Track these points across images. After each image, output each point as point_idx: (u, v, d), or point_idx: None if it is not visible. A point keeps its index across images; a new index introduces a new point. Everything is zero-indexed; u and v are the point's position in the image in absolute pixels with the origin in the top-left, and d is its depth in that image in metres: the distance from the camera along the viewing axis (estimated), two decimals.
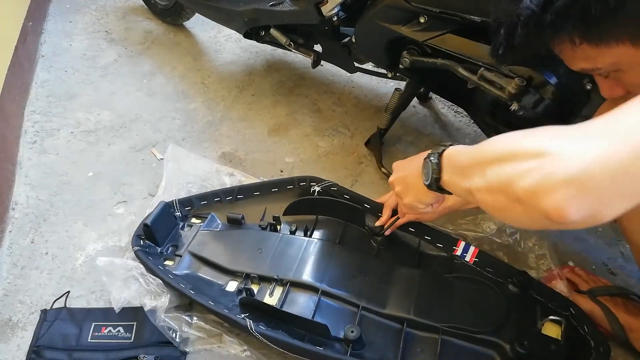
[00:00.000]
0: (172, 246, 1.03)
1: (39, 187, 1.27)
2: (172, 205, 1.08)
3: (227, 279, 0.96)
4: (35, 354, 0.92)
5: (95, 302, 1.02)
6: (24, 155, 1.35)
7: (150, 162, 1.34)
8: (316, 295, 0.91)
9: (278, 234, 1.02)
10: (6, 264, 1.09)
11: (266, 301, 0.90)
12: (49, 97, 1.56)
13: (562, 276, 0.96)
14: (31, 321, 0.98)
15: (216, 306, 0.87)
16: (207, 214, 1.08)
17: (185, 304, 0.96)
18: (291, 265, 0.95)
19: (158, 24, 1.91)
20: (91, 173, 1.31)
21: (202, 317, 0.94)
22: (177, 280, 0.92)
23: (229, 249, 1.00)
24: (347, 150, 1.38)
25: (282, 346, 0.84)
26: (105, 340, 0.94)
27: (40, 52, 1.75)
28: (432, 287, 0.91)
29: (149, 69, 1.68)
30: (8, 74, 1.41)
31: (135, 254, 0.96)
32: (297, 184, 1.11)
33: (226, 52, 1.78)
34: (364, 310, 0.89)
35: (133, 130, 1.45)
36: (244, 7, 1.38)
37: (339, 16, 1.19)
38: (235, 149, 1.38)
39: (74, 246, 1.13)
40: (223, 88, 1.61)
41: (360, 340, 0.82)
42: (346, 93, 1.58)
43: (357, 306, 0.89)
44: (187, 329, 0.92)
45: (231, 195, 1.12)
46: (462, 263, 0.97)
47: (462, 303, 0.89)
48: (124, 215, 1.20)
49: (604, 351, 0.81)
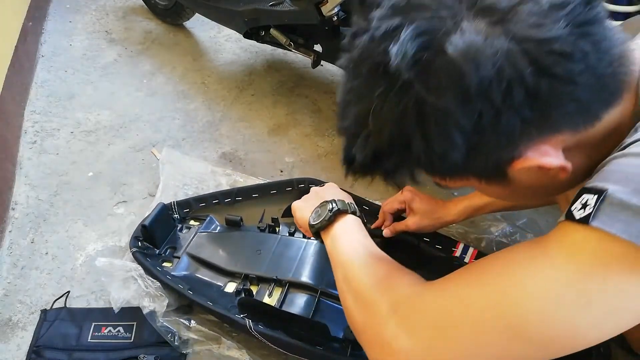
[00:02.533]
0: (170, 248, 1.03)
1: (39, 187, 1.27)
2: (170, 207, 1.08)
3: (226, 280, 0.96)
4: (35, 354, 0.92)
5: (95, 302, 1.02)
6: (24, 155, 1.36)
7: (150, 162, 1.34)
8: (315, 295, 0.91)
9: (277, 235, 1.02)
10: (6, 264, 1.10)
11: (265, 302, 0.90)
12: (49, 97, 1.56)
13: None
14: (31, 321, 0.99)
15: (215, 306, 0.87)
16: (206, 216, 1.08)
17: (184, 306, 0.96)
18: (290, 266, 0.95)
19: (158, 24, 1.91)
20: (91, 173, 1.31)
21: (200, 321, 0.94)
22: (175, 281, 0.92)
23: (228, 251, 1.00)
24: None
25: (281, 346, 0.84)
26: (105, 340, 0.94)
27: (40, 52, 1.75)
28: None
29: (149, 69, 1.68)
30: (8, 74, 1.42)
31: (133, 256, 0.96)
32: (296, 186, 1.11)
33: (226, 52, 1.78)
34: None
35: (133, 130, 1.45)
36: (244, 7, 1.38)
37: (339, 16, 1.19)
38: (235, 149, 1.38)
39: (74, 246, 1.13)
40: (223, 88, 1.61)
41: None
42: None
43: None
44: (185, 332, 0.92)
45: (229, 197, 1.12)
46: (461, 264, 0.97)
47: None
48: (124, 215, 1.20)
49: (604, 352, 0.81)
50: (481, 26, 0.40)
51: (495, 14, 0.40)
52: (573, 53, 0.39)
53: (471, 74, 0.38)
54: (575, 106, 0.42)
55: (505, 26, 0.39)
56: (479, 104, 0.40)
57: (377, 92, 0.43)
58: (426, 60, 0.40)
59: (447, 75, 0.39)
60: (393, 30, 0.41)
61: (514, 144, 0.43)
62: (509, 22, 0.39)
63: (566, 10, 0.40)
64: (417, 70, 0.40)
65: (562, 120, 0.42)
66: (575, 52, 0.39)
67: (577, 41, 0.39)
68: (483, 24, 0.40)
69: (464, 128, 0.41)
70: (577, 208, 0.41)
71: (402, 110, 0.42)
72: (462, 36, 0.39)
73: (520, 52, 0.39)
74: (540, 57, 0.39)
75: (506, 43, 0.39)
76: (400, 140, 0.44)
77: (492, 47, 0.39)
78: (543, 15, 0.39)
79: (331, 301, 0.91)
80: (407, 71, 0.40)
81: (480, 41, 0.39)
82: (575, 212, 0.41)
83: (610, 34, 0.42)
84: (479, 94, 0.39)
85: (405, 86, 0.41)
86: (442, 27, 0.40)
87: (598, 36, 0.41)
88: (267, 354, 0.90)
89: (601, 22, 0.41)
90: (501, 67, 0.38)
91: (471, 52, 0.39)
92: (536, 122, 0.41)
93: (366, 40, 0.43)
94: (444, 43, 0.39)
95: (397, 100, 0.42)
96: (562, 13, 0.39)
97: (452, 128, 0.41)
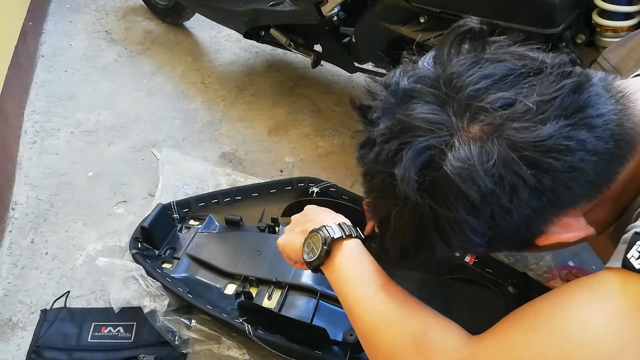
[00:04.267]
0: (170, 249, 1.03)
1: (39, 187, 1.27)
2: (170, 207, 1.08)
3: (226, 282, 0.96)
4: (35, 354, 0.92)
5: (95, 302, 1.02)
6: (24, 155, 1.36)
7: (150, 162, 1.34)
8: (315, 298, 0.90)
9: (277, 235, 1.02)
10: (6, 264, 1.09)
11: (265, 304, 0.90)
12: (49, 97, 1.56)
13: (562, 276, 0.96)
14: (31, 321, 0.99)
15: (214, 310, 0.87)
16: (205, 216, 1.08)
17: (185, 306, 0.96)
18: (290, 268, 0.94)
19: (158, 24, 1.91)
20: (91, 173, 1.31)
21: (201, 320, 0.94)
22: (175, 284, 0.92)
23: (227, 251, 1.00)
24: (347, 150, 1.37)
25: (280, 350, 0.84)
26: (105, 340, 0.94)
27: (40, 52, 1.75)
28: (432, 289, 0.91)
29: (149, 69, 1.68)
30: (8, 74, 1.41)
31: (133, 257, 0.96)
32: (296, 185, 1.10)
33: (226, 52, 1.77)
34: None
35: (133, 130, 1.45)
36: (244, 7, 1.38)
37: (339, 16, 1.19)
38: (235, 149, 1.38)
39: (74, 246, 1.13)
40: (223, 88, 1.61)
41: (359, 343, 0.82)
42: (346, 93, 1.58)
43: None
44: (186, 332, 0.92)
45: (229, 197, 1.12)
46: (461, 264, 0.96)
47: (462, 305, 0.88)
48: (124, 215, 1.20)
49: None
50: (475, 135, 0.41)
51: (487, 120, 0.41)
52: (569, 146, 0.40)
53: (472, 190, 0.40)
54: (585, 185, 0.42)
55: (497, 132, 0.40)
56: (488, 209, 0.41)
57: (392, 203, 0.45)
58: (429, 181, 0.42)
59: (451, 192, 0.41)
60: (394, 153, 0.43)
61: (531, 228, 0.44)
62: (501, 128, 0.40)
63: (555, 104, 0.40)
64: (423, 190, 0.42)
65: (574, 199, 0.43)
66: (570, 144, 0.40)
67: (571, 132, 0.40)
68: (477, 132, 0.41)
69: (479, 230, 0.43)
70: (634, 257, 0.40)
71: (419, 221, 0.45)
72: (457, 154, 0.40)
73: (516, 157, 0.40)
74: (537, 158, 0.40)
75: (502, 150, 0.40)
76: (422, 242, 0.46)
77: (489, 158, 0.40)
78: (533, 115, 0.40)
79: (331, 303, 0.91)
80: (414, 193, 0.42)
81: (475, 155, 0.40)
82: (634, 262, 0.40)
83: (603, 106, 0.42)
84: (486, 202, 0.41)
85: (416, 204, 0.43)
86: (438, 146, 0.42)
87: (592, 118, 0.41)
88: (267, 354, 0.90)
89: (592, 103, 0.41)
90: (501, 175, 0.40)
91: (468, 170, 0.40)
92: (548, 208, 0.43)
93: (373, 158, 0.46)
94: (442, 162, 0.41)
95: (412, 214, 0.44)
96: (551, 109, 0.40)
97: (468, 232, 0.43)
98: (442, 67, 0.45)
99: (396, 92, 0.46)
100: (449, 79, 0.43)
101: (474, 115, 0.41)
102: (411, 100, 0.44)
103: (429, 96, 0.43)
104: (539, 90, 0.40)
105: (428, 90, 0.44)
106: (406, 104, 0.44)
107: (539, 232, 0.45)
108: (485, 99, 0.41)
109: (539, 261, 1.05)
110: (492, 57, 0.44)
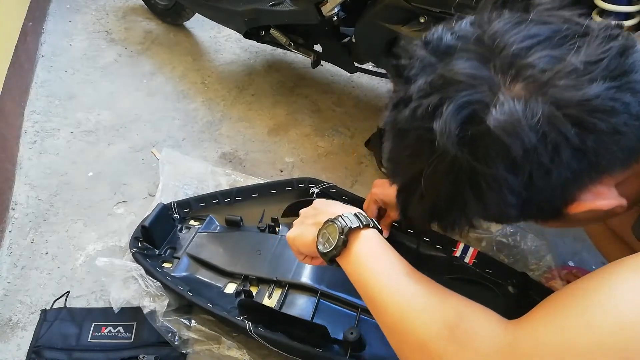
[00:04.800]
0: (170, 248, 1.03)
1: (39, 187, 1.27)
2: (170, 207, 1.08)
3: (226, 281, 0.96)
4: (35, 354, 0.92)
5: (95, 302, 1.02)
6: (24, 155, 1.36)
7: (150, 162, 1.34)
8: (315, 297, 0.90)
9: (277, 235, 1.02)
10: (6, 264, 1.10)
11: (265, 303, 0.90)
12: (49, 97, 1.56)
13: (562, 276, 0.96)
14: (31, 321, 0.99)
15: (215, 308, 0.87)
16: (205, 216, 1.08)
17: (184, 306, 0.96)
18: (290, 267, 0.94)
19: (158, 24, 1.91)
20: (91, 173, 1.31)
21: (201, 320, 0.94)
22: (175, 282, 0.92)
23: (228, 251, 1.00)
24: (347, 150, 1.38)
25: (281, 348, 0.84)
26: (105, 340, 0.95)
27: (40, 52, 1.75)
28: None
29: (149, 69, 1.68)
30: (8, 74, 1.41)
31: (133, 256, 0.96)
32: (296, 186, 1.11)
33: (226, 52, 1.77)
34: (363, 312, 0.89)
35: (133, 130, 1.45)
36: (244, 7, 1.38)
37: (339, 16, 1.19)
38: (235, 149, 1.38)
39: (74, 246, 1.13)
40: (223, 88, 1.61)
41: (360, 342, 0.82)
42: (346, 93, 1.58)
43: (356, 308, 0.89)
44: (185, 332, 0.92)
45: (229, 197, 1.12)
46: (461, 264, 0.97)
47: None
48: (124, 215, 1.20)
49: None
50: (520, 92, 0.40)
51: (532, 77, 0.40)
52: (614, 107, 0.40)
53: (515, 145, 0.40)
54: (624, 150, 0.42)
55: (543, 90, 0.40)
56: (527, 167, 0.41)
57: (426, 159, 0.44)
58: (470, 135, 0.41)
59: (493, 148, 0.41)
60: (434, 108, 0.42)
61: (567, 193, 0.44)
62: (546, 86, 0.40)
63: (602, 65, 0.40)
64: (463, 145, 0.42)
65: (612, 164, 0.43)
66: (616, 105, 0.40)
67: (616, 94, 0.40)
68: (521, 89, 0.40)
69: (516, 189, 0.42)
70: None
71: (455, 177, 0.44)
72: (502, 108, 0.40)
73: (561, 115, 0.39)
74: (582, 117, 0.39)
75: (546, 108, 0.39)
76: (455, 201, 0.45)
77: (533, 115, 0.39)
78: (580, 74, 0.39)
79: (331, 302, 0.91)
80: (453, 147, 0.41)
81: (519, 111, 0.39)
82: None
83: None
84: (527, 159, 0.40)
85: (454, 159, 0.42)
86: (481, 101, 0.41)
87: (637, 82, 0.41)
88: (267, 354, 0.90)
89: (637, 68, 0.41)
90: (545, 132, 0.39)
91: (512, 125, 0.39)
92: (586, 171, 0.42)
93: (409, 115, 0.44)
94: (485, 117, 0.40)
95: (448, 169, 0.44)
96: (598, 69, 0.40)
97: (505, 190, 0.42)
98: (483, 28, 0.45)
99: (438, 48, 0.45)
100: (492, 37, 0.43)
101: (518, 73, 0.41)
102: (453, 56, 0.44)
103: (471, 53, 0.43)
104: (585, 51, 0.40)
105: (471, 48, 0.43)
106: (448, 60, 0.44)
107: (572, 198, 0.45)
108: (530, 57, 0.41)
109: (539, 261, 1.05)
110: (537, 18, 0.44)
